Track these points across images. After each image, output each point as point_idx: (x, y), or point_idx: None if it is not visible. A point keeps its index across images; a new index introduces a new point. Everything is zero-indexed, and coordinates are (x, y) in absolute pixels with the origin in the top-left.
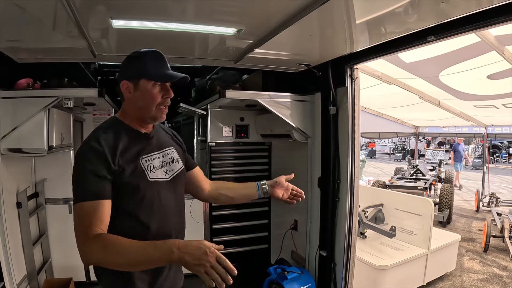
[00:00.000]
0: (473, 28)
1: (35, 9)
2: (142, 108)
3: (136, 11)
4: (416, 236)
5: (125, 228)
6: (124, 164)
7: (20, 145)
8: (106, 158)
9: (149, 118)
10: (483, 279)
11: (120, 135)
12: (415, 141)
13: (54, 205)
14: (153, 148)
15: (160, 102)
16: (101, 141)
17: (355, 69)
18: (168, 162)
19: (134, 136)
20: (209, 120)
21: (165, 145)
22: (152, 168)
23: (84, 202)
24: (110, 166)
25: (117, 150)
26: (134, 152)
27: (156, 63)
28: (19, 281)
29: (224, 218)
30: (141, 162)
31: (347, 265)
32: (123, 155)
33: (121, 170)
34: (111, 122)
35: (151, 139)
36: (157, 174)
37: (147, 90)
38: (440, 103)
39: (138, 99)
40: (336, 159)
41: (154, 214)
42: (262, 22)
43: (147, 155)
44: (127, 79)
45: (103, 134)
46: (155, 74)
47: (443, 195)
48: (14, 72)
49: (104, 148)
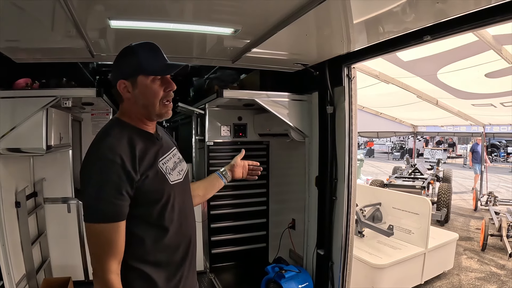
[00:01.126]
0: (470, 28)
1: (34, 9)
2: (146, 106)
3: (134, 12)
4: (414, 235)
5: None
6: (146, 171)
7: (19, 144)
8: (128, 171)
9: (155, 116)
10: (481, 277)
11: (133, 140)
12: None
13: (53, 204)
14: (165, 149)
15: (163, 97)
16: (118, 151)
17: (352, 68)
18: (178, 162)
19: (148, 139)
20: (207, 120)
21: (171, 145)
22: (170, 170)
23: (101, 224)
24: (133, 179)
25: (135, 158)
26: (151, 156)
27: (151, 56)
28: (18, 280)
29: (222, 217)
30: (159, 165)
31: (344, 263)
32: (142, 161)
33: (144, 178)
34: (119, 125)
35: (161, 139)
36: (175, 176)
37: (147, 86)
38: (438, 102)
39: (139, 98)
40: (333, 158)
41: (176, 217)
42: (260, 22)
43: (163, 157)
44: (124, 78)
45: (117, 141)
46: (152, 68)
47: (441, 194)
48: (12, 72)
49: (123, 159)
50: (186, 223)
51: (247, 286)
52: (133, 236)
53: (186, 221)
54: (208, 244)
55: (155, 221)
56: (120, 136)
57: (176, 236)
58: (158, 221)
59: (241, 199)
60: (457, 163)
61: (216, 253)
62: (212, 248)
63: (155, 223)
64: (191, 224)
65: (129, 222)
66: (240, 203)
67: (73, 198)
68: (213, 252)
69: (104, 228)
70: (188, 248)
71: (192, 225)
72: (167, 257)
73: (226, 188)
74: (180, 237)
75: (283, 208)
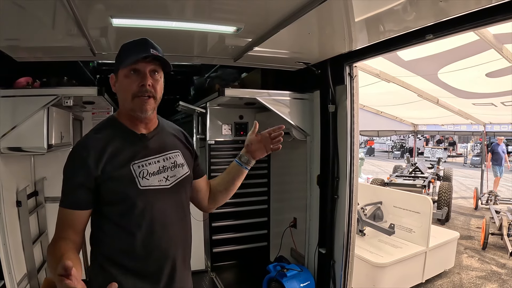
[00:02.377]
0: (471, 27)
1: (35, 8)
2: (122, 100)
3: (136, 10)
4: (414, 233)
5: (111, 236)
6: (111, 170)
7: (20, 143)
8: (88, 165)
9: (132, 111)
10: (482, 276)
11: (112, 137)
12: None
13: (54, 203)
14: (150, 152)
15: (136, 91)
16: (88, 145)
17: (354, 67)
18: (169, 166)
19: (128, 138)
20: (208, 118)
21: (168, 147)
22: (146, 174)
23: (62, 207)
24: (91, 173)
25: (104, 154)
26: (126, 156)
27: (132, 49)
28: (19, 280)
29: (223, 216)
30: (133, 168)
31: (346, 262)
32: (112, 160)
33: (106, 177)
34: (106, 122)
35: (148, 140)
36: (152, 181)
37: (121, 79)
38: (439, 101)
39: (118, 92)
40: (335, 157)
41: (145, 224)
42: (262, 20)
43: (141, 160)
44: (113, 72)
45: (94, 135)
46: (126, 60)
47: (442, 193)
48: (13, 71)
49: (89, 153)
50: (163, 233)
51: (248, 285)
52: (103, 233)
53: (164, 231)
54: (209, 243)
55: (120, 223)
56: (101, 132)
57: (147, 245)
58: (123, 223)
59: (242, 198)
60: (458, 162)
61: (217, 252)
62: (213, 247)
63: (121, 225)
64: (172, 236)
65: (98, 218)
66: (241, 201)
67: None
68: (214, 251)
69: (64, 212)
70: (165, 262)
71: (174, 238)
72: (136, 265)
73: None
74: (151, 247)
75: (285, 207)
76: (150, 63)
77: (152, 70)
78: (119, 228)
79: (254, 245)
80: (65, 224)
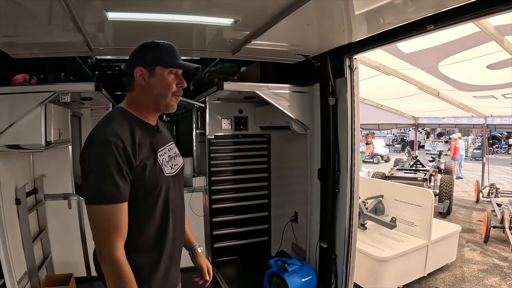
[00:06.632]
0: (472, 17)
1: (30, 4)
2: (158, 95)
3: (131, 3)
4: (416, 227)
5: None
6: (144, 159)
7: (18, 141)
8: (129, 155)
9: (163, 106)
10: (484, 269)
11: (134, 128)
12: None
13: (54, 200)
14: (163, 142)
15: (176, 91)
16: (120, 135)
17: (354, 59)
18: (173, 156)
19: (148, 129)
20: (208, 113)
21: (168, 139)
22: (165, 162)
23: (102, 205)
24: (132, 164)
25: (135, 143)
26: (149, 145)
27: (170, 52)
28: (19, 278)
29: (224, 211)
30: (159, 156)
31: (347, 256)
32: (141, 149)
33: (143, 165)
34: (119, 113)
35: (160, 132)
36: (169, 169)
37: (163, 76)
38: (440, 94)
39: (153, 86)
40: (335, 150)
41: (171, 210)
42: (259, 12)
43: (161, 149)
44: (142, 66)
45: (118, 127)
46: (170, 61)
47: (443, 186)
48: (10, 68)
49: (124, 143)
50: (177, 215)
51: (250, 280)
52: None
53: (177, 213)
54: (210, 238)
55: (147, 211)
56: (123, 123)
57: (174, 228)
58: (149, 211)
59: (243, 193)
60: None
61: (218, 247)
62: (214, 242)
63: (147, 213)
64: (181, 217)
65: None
66: (242, 196)
67: (73, 194)
68: (215, 246)
69: (108, 209)
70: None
71: (182, 219)
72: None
73: (227, 182)
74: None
75: (285, 201)
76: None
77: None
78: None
79: (255, 240)
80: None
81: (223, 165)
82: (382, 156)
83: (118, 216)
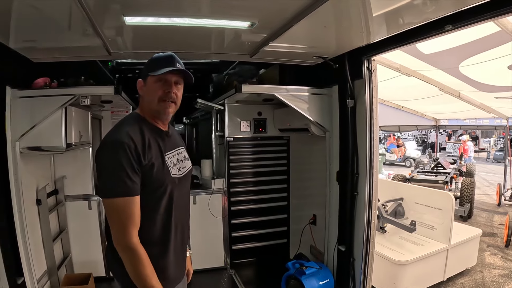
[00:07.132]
0: (492, 16)
1: (50, 10)
2: (149, 102)
3: (149, 8)
4: (436, 230)
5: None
6: (152, 159)
7: (39, 143)
8: (139, 154)
9: (155, 112)
10: (505, 275)
11: (144, 131)
12: (435, 134)
13: (74, 201)
14: (172, 146)
15: (162, 96)
16: (132, 136)
17: (372, 60)
18: (181, 159)
19: (157, 132)
20: (227, 115)
21: (178, 144)
22: (173, 164)
23: (117, 198)
24: (141, 162)
25: (145, 144)
26: (159, 148)
27: (160, 62)
28: (39, 277)
29: (243, 213)
30: (167, 158)
31: (366, 260)
32: (150, 150)
33: (151, 164)
34: (134, 117)
35: (169, 136)
36: (176, 171)
37: (151, 84)
38: (460, 94)
39: (146, 94)
40: (354, 152)
41: (174, 208)
42: (275, 15)
43: (169, 152)
44: (141, 78)
45: (131, 129)
46: (155, 69)
47: (464, 188)
48: (31, 72)
49: (136, 143)
50: (181, 216)
51: (267, 282)
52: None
53: (181, 214)
54: (228, 240)
55: (152, 206)
56: (135, 126)
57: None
58: (154, 206)
59: (262, 195)
60: (480, 157)
61: (237, 249)
62: (233, 244)
63: (152, 208)
64: (185, 218)
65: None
66: (261, 198)
67: (94, 195)
68: (234, 248)
69: (123, 202)
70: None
71: (185, 220)
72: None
73: (246, 184)
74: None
75: (304, 204)
76: (175, 75)
77: (176, 81)
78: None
79: (273, 242)
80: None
81: (242, 167)
82: (414, 159)
83: (132, 207)
